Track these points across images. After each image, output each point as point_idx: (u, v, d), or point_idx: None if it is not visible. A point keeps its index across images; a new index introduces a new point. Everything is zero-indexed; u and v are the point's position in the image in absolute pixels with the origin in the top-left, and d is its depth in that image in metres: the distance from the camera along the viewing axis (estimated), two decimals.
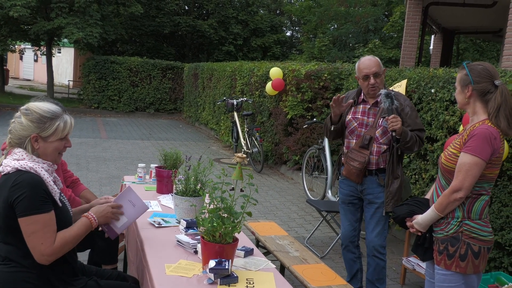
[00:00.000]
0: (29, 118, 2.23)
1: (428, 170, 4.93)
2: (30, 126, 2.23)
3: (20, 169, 2.17)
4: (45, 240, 2.13)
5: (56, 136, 2.27)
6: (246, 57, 22.41)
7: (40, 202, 2.14)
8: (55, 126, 2.26)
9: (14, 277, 2.17)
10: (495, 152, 2.43)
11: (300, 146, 8.06)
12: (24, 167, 2.17)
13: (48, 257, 2.15)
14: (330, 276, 3.14)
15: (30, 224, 2.11)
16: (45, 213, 2.14)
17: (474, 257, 2.50)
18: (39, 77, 32.43)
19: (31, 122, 2.23)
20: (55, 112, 2.28)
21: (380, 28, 18.77)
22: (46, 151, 2.27)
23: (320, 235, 5.55)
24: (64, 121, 2.29)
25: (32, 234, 2.12)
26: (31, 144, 2.24)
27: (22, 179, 2.13)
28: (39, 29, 16.21)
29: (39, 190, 2.15)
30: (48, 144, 2.26)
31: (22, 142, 2.24)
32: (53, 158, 2.31)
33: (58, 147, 2.30)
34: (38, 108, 2.26)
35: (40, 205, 2.13)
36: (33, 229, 2.12)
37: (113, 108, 16.99)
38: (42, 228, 2.13)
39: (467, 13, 10.64)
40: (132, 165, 8.68)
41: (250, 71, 10.20)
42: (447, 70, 4.88)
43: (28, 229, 2.12)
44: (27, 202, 2.11)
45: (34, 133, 2.23)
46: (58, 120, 2.27)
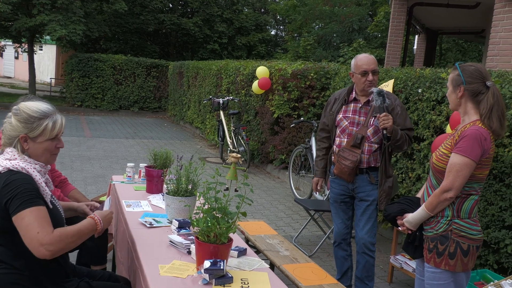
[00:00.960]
0: (17, 118, 2.20)
1: (414, 169, 4.98)
2: (19, 126, 2.20)
3: (12, 169, 2.13)
4: (41, 229, 2.04)
5: (44, 136, 2.23)
6: (231, 56, 22.38)
7: (31, 197, 2.09)
8: (43, 126, 2.22)
9: (4, 279, 2.13)
10: (485, 153, 2.46)
11: (286, 145, 8.08)
12: (16, 167, 2.14)
13: (48, 246, 2.02)
14: (320, 275, 3.15)
15: (23, 218, 2.05)
16: (37, 206, 2.09)
17: (463, 255, 2.54)
18: (20, 74, 31.93)
19: (19, 122, 2.20)
20: (44, 112, 2.24)
21: (365, 28, 18.90)
22: (37, 151, 2.23)
23: (307, 234, 5.57)
24: (53, 121, 2.25)
25: (26, 227, 2.05)
26: (20, 144, 2.21)
27: (14, 179, 2.10)
28: (21, 26, 15.94)
29: (29, 187, 2.11)
30: (37, 145, 2.23)
31: (12, 143, 2.21)
32: (45, 159, 2.27)
33: (48, 147, 2.26)
34: (27, 108, 2.23)
35: (31, 199, 2.09)
36: (27, 222, 2.05)
37: (96, 107, 16.82)
38: (36, 219, 2.06)
39: (451, 13, 10.77)
40: (117, 164, 8.61)
41: (236, 70, 10.18)
42: (434, 70, 4.93)
43: (22, 224, 2.06)
44: (19, 199, 2.07)
45: (22, 133, 2.19)
46: (46, 120, 2.23)
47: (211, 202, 2.15)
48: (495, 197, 3.98)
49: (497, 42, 6.07)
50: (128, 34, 21.82)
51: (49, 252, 2.04)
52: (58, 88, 21.21)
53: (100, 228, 2.30)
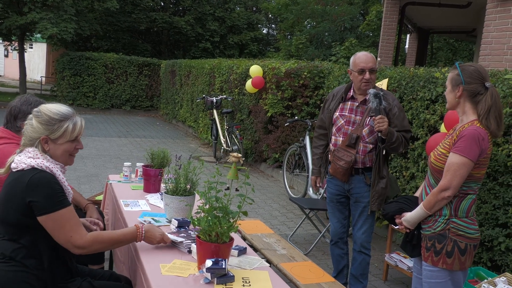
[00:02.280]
0: (39, 120, 2.26)
1: (409, 168, 5.02)
2: (40, 128, 2.25)
3: (36, 167, 2.18)
4: (74, 232, 2.16)
5: (65, 138, 2.29)
6: (223, 54, 22.36)
7: (60, 197, 2.17)
8: (64, 128, 2.28)
9: (15, 277, 2.14)
10: (483, 153, 2.48)
11: (280, 144, 8.10)
12: (41, 166, 2.19)
13: (83, 249, 2.19)
14: (318, 273, 3.17)
15: (55, 220, 2.14)
16: (67, 207, 2.18)
17: (460, 254, 2.56)
18: (9, 72, 31.69)
19: (41, 124, 2.26)
20: (64, 114, 2.30)
21: (356, 27, 18.97)
22: (56, 152, 2.29)
23: (302, 233, 5.59)
24: (73, 123, 2.31)
25: (60, 229, 2.15)
26: (41, 145, 2.26)
27: (39, 177, 2.15)
28: (11, 24, 15.83)
29: (56, 186, 2.18)
30: (57, 146, 2.29)
31: (33, 144, 2.27)
32: (64, 160, 2.33)
33: (68, 149, 2.32)
34: (48, 110, 2.29)
35: (60, 200, 2.17)
36: (59, 224, 2.15)
37: (88, 105, 16.73)
38: (68, 221, 2.16)
39: (442, 13, 10.86)
40: (110, 163, 8.58)
41: (229, 69, 10.18)
42: (428, 70, 4.97)
43: (54, 226, 2.15)
44: (48, 200, 2.13)
45: (43, 135, 2.25)
46: (67, 122, 2.29)
47: (212, 202, 2.16)
48: (489, 195, 4.03)
49: (489, 42, 6.13)
50: (120, 33, 21.73)
51: (84, 252, 2.21)
52: (49, 87, 21.08)
53: (140, 239, 2.38)
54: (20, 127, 2.95)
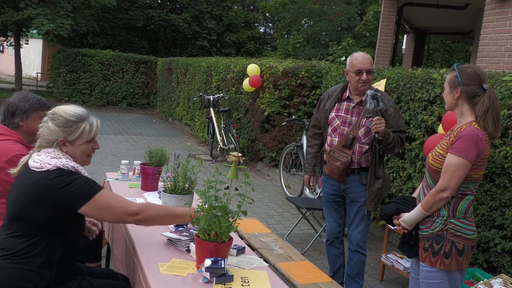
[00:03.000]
0: (55, 123, 2.27)
1: (405, 169, 5.03)
2: (57, 131, 2.26)
3: (62, 168, 2.19)
4: (121, 203, 2.24)
5: (82, 139, 2.31)
6: (219, 53, 22.33)
7: (93, 183, 2.22)
8: (81, 129, 2.29)
9: (20, 275, 2.12)
10: (481, 154, 2.49)
11: (276, 143, 8.10)
12: (66, 167, 2.20)
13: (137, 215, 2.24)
14: (315, 273, 3.17)
15: (98, 203, 2.18)
16: (103, 189, 2.23)
17: (458, 255, 2.57)
18: (4, 68, 31.53)
19: (58, 126, 2.26)
20: (80, 115, 2.31)
21: (354, 27, 18.98)
22: (75, 154, 2.31)
23: (298, 232, 5.59)
24: (90, 124, 2.32)
25: (106, 209, 2.20)
26: (59, 147, 2.27)
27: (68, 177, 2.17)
28: (8, 20, 15.75)
29: (85, 177, 2.24)
30: (76, 148, 2.30)
31: (51, 146, 2.27)
32: (82, 161, 2.34)
33: (85, 149, 2.34)
34: (64, 112, 2.30)
35: (94, 185, 2.21)
36: (105, 205, 2.20)
37: (84, 102, 16.67)
38: (110, 198, 2.23)
39: (440, 14, 10.88)
40: (106, 160, 8.56)
41: (227, 67, 10.17)
42: (426, 71, 4.98)
43: (100, 207, 2.19)
44: (83, 189, 2.16)
45: (61, 137, 2.26)
46: (83, 123, 2.30)
47: (211, 201, 2.15)
48: (486, 197, 4.04)
49: (487, 44, 6.14)
50: (116, 30, 21.66)
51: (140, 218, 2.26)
52: (45, 83, 20.99)
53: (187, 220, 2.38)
54: (18, 124, 2.93)
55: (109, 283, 2.43)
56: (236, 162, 2.61)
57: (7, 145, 2.80)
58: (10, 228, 2.19)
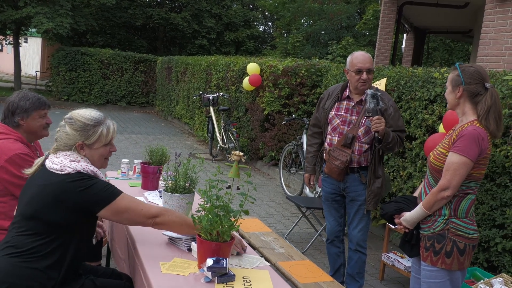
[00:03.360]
0: (73, 127, 2.28)
1: (406, 168, 5.02)
2: (75, 135, 2.28)
3: (82, 172, 2.21)
4: (142, 206, 2.27)
5: (100, 143, 2.33)
6: (219, 51, 22.30)
7: (112, 187, 2.25)
8: (99, 133, 2.31)
9: (28, 273, 2.11)
10: (483, 153, 2.49)
11: (276, 142, 8.09)
12: (86, 170, 2.22)
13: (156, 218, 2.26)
14: (316, 272, 3.17)
15: (118, 207, 2.20)
16: (123, 193, 2.26)
17: (459, 254, 2.57)
18: (3, 67, 31.47)
19: (75, 130, 2.28)
20: (97, 119, 2.34)
21: (353, 26, 18.98)
22: (93, 157, 2.32)
23: (298, 231, 5.59)
24: (107, 127, 2.35)
25: (127, 212, 2.23)
26: (77, 151, 2.28)
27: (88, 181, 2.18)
28: (7, 18, 15.71)
29: (105, 182, 2.26)
30: (94, 151, 2.32)
31: (69, 149, 2.29)
32: (100, 164, 2.37)
33: (103, 153, 2.36)
34: (81, 116, 2.32)
35: (114, 189, 2.24)
36: (125, 208, 2.22)
37: (83, 101, 16.65)
38: (131, 202, 2.25)
39: (439, 13, 10.87)
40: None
41: (226, 66, 10.15)
42: (426, 70, 4.97)
43: (120, 211, 2.21)
44: (104, 193, 2.19)
45: (79, 141, 2.28)
46: (101, 126, 2.33)
47: (213, 200, 2.14)
48: (486, 196, 4.04)
49: (487, 43, 6.14)
50: (116, 28, 21.62)
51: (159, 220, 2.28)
52: (44, 82, 20.94)
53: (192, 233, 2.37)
54: (18, 123, 2.93)
55: (113, 283, 2.42)
56: (238, 161, 2.60)
57: (8, 144, 2.79)
58: (22, 226, 2.18)
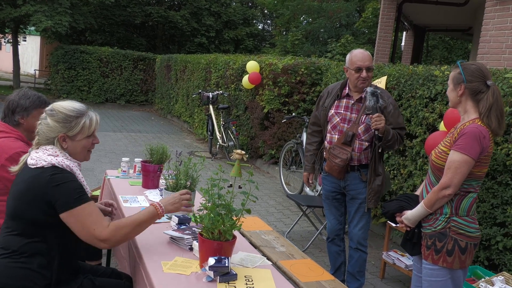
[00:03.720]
0: (55, 119, 2.24)
1: (406, 166, 5.02)
2: (57, 127, 2.24)
3: (57, 166, 2.16)
4: (96, 225, 2.14)
5: (83, 134, 2.29)
6: (218, 50, 22.26)
7: (80, 193, 2.16)
8: (81, 124, 2.27)
9: (20, 274, 2.10)
10: (484, 151, 2.49)
11: (276, 140, 8.09)
12: (61, 165, 2.17)
13: (106, 241, 2.15)
14: (317, 271, 3.16)
15: (77, 215, 2.12)
16: (88, 202, 2.16)
17: (460, 253, 2.56)
18: (2, 65, 31.43)
19: (57, 122, 2.24)
20: (80, 110, 2.29)
21: (352, 24, 18.94)
22: (75, 149, 2.29)
23: (299, 230, 5.58)
24: (89, 118, 2.31)
25: (82, 224, 2.13)
26: (59, 144, 2.25)
27: (60, 176, 2.14)
28: (5, 16, 15.68)
29: (77, 183, 2.18)
30: (76, 143, 2.28)
31: (51, 142, 2.25)
32: (83, 156, 2.33)
33: (86, 144, 2.32)
34: (63, 108, 2.27)
35: (81, 196, 2.15)
36: (81, 219, 2.13)
37: (82, 99, 16.61)
38: (89, 216, 2.14)
39: (439, 11, 10.86)
40: (105, 157, 8.53)
41: (226, 64, 10.14)
42: (427, 68, 4.97)
43: (76, 221, 2.12)
44: (69, 196, 2.12)
45: (61, 133, 2.24)
46: (83, 117, 2.28)
47: (214, 199, 2.14)
48: (487, 194, 4.03)
49: (488, 41, 6.13)
50: (115, 26, 21.57)
51: (107, 245, 2.18)
52: (43, 80, 20.92)
53: (162, 214, 2.33)
54: (18, 121, 2.92)
55: (112, 282, 2.42)
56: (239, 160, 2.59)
57: (8, 143, 2.79)
58: (9, 226, 2.18)
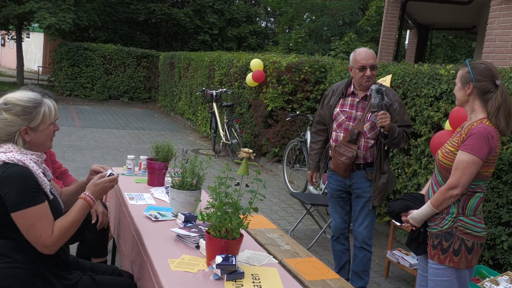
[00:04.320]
0: (12, 113, 2.14)
1: (411, 165, 5.01)
2: (17, 120, 2.13)
3: (7, 162, 2.08)
4: (44, 231, 2.07)
5: (45, 124, 2.21)
6: (221, 47, 22.24)
7: (33, 194, 2.07)
8: (42, 113, 2.19)
9: (4, 273, 2.10)
10: (492, 151, 2.48)
11: (280, 138, 8.08)
12: (12, 160, 2.08)
13: (50, 247, 2.11)
14: (322, 270, 3.16)
15: (26, 217, 2.05)
16: (39, 204, 2.08)
17: (467, 252, 2.56)
18: (6, 62, 31.49)
19: (16, 116, 2.13)
20: (36, 99, 2.20)
21: (356, 22, 18.90)
22: (39, 140, 2.20)
23: (302, 228, 5.58)
24: (48, 106, 2.22)
25: (30, 227, 2.06)
26: (21, 137, 2.16)
27: (10, 172, 2.05)
28: (9, 13, 15.68)
29: (29, 182, 2.08)
30: (39, 134, 2.19)
31: (12, 137, 2.15)
32: (48, 145, 2.27)
33: (49, 133, 2.25)
34: (18, 100, 2.17)
35: (33, 197, 2.07)
36: (30, 222, 2.05)
37: (86, 96, 16.63)
38: (39, 220, 2.06)
39: (443, 9, 10.82)
40: (109, 154, 8.54)
41: (229, 62, 10.13)
42: (432, 67, 4.95)
43: (25, 223, 2.06)
44: (19, 196, 2.03)
45: (23, 126, 2.14)
46: (42, 106, 2.20)
47: (222, 198, 2.14)
48: (492, 194, 4.03)
49: (493, 39, 6.11)
50: (118, 24, 21.56)
51: (53, 251, 2.13)
52: (46, 77, 20.94)
53: (93, 204, 2.29)
54: None
55: (113, 280, 2.41)
56: (247, 158, 2.59)
57: None
58: None
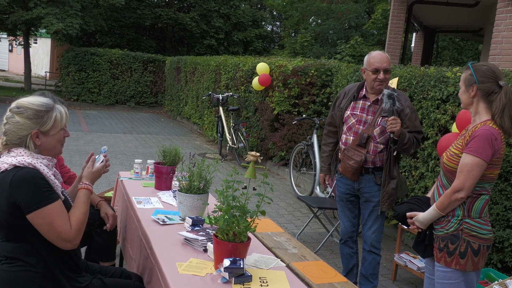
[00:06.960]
0: (24, 116, 2.17)
1: (418, 168, 5.00)
2: (28, 124, 2.17)
3: (18, 165, 2.10)
4: (63, 227, 2.12)
5: (56, 128, 2.24)
6: (227, 51, 22.30)
7: (46, 192, 2.11)
8: (53, 118, 2.22)
9: (17, 276, 2.12)
10: (496, 153, 2.48)
11: (286, 142, 8.09)
12: (22, 163, 2.10)
13: (73, 241, 2.16)
14: (330, 273, 3.17)
15: (43, 217, 2.08)
16: (54, 202, 2.12)
17: (473, 255, 2.56)
18: (14, 67, 31.71)
19: (28, 119, 2.17)
20: (48, 104, 2.24)
21: (362, 25, 18.90)
22: (50, 144, 2.24)
23: (309, 232, 5.59)
24: (59, 111, 2.26)
25: (49, 226, 2.10)
26: (32, 141, 2.18)
27: (20, 174, 2.07)
28: (17, 19, 15.82)
29: (40, 182, 2.11)
30: (50, 138, 2.23)
31: (23, 141, 2.18)
32: (58, 150, 2.30)
33: (59, 138, 2.28)
34: (31, 104, 2.20)
35: (47, 196, 2.10)
36: (48, 220, 2.09)
37: (93, 101, 16.73)
38: (57, 217, 2.11)
39: (449, 12, 10.81)
40: (116, 159, 8.58)
41: (235, 66, 10.17)
42: (438, 69, 4.95)
43: (43, 222, 2.09)
44: (33, 196, 2.06)
45: (34, 130, 2.18)
46: (54, 111, 2.23)
47: (229, 201, 2.15)
48: (500, 196, 4.02)
49: (500, 41, 6.10)
50: (125, 29, 21.69)
51: (74, 245, 2.18)
52: (53, 82, 21.07)
53: (92, 189, 2.37)
54: None
55: (122, 282, 2.44)
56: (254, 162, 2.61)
57: None
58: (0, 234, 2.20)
